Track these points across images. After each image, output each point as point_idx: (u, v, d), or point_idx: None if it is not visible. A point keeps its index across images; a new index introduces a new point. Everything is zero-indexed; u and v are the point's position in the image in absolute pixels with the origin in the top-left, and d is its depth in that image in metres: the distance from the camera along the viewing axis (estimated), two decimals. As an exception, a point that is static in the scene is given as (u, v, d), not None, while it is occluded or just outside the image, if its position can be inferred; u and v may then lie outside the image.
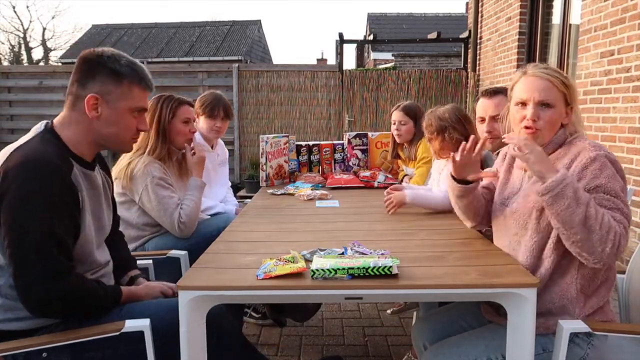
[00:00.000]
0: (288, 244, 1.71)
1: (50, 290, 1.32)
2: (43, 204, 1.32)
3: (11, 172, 1.31)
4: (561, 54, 4.79)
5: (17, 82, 7.26)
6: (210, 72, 7.33)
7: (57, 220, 1.34)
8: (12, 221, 1.30)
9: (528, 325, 1.34)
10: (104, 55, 1.46)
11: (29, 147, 1.39)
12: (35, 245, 1.30)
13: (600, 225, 1.32)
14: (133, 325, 1.38)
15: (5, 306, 1.39)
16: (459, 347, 1.53)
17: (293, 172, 3.28)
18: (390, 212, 2.23)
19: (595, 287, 1.47)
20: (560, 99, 1.50)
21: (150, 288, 1.65)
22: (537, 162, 1.37)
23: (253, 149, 7.29)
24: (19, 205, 1.31)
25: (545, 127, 1.49)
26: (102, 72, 1.45)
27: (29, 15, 42.29)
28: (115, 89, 1.46)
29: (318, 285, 1.35)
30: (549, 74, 1.50)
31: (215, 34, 17.36)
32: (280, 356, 2.57)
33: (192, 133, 2.44)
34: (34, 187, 1.32)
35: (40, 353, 1.39)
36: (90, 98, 1.43)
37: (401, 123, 2.93)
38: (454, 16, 18.43)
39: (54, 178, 1.35)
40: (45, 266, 1.31)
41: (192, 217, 2.24)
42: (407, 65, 14.85)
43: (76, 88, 1.46)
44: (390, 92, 7.05)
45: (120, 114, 1.48)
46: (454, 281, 1.37)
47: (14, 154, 1.37)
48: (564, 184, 1.32)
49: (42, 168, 1.34)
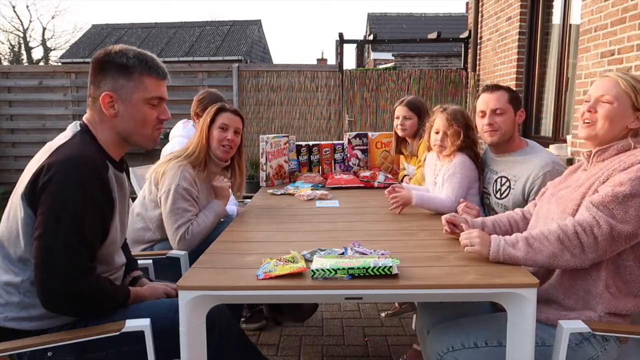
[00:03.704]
0: (288, 244, 1.71)
1: (70, 288, 1.33)
2: (81, 202, 1.34)
3: (55, 167, 1.34)
4: (561, 54, 4.79)
5: (16, 82, 7.25)
6: (210, 72, 7.32)
7: (90, 220, 1.37)
8: (49, 213, 1.32)
9: (528, 325, 1.34)
10: (112, 52, 1.47)
11: (73, 145, 1.42)
12: (65, 240, 1.32)
13: (560, 240, 1.43)
14: (133, 325, 1.38)
15: (22, 304, 1.40)
16: (460, 328, 1.57)
17: (293, 172, 3.27)
18: (397, 211, 2.24)
19: (626, 292, 1.48)
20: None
21: (154, 289, 1.65)
22: (479, 245, 1.51)
23: (253, 149, 7.28)
24: (58, 198, 1.32)
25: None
26: (111, 68, 1.45)
27: (29, 15, 42.16)
28: (127, 83, 1.46)
29: (318, 285, 1.35)
30: None
31: (215, 34, 17.35)
32: (280, 356, 2.57)
33: (230, 141, 2.33)
34: (75, 184, 1.34)
35: (46, 352, 1.40)
36: (104, 97, 1.45)
37: (405, 118, 2.92)
38: (454, 16, 18.41)
39: (94, 178, 1.38)
40: (69, 263, 1.32)
41: (197, 237, 2.15)
42: (407, 65, 14.84)
43: (92, 89, 1.47)
44: (390, 92, 7.04)
45: (136, 106, 1.48)
46: (454, 281, 1.37)
47: (58, 150, 1.40)
48: (499, 245, 1.47)
49: (85, 167, 1.36)
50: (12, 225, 1.40)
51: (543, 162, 2.03)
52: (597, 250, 1.41)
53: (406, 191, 2.26)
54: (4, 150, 7.35)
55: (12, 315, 1.40)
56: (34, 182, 1.34)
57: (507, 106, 2.13)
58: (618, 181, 1.42)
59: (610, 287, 1.47)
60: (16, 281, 1.39)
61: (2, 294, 1.41)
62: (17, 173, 7.90)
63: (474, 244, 1.50)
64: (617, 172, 1.45)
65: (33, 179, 1.35)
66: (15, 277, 1.40)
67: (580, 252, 1.42)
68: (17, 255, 1.39)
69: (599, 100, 1.54)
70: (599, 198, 1.43)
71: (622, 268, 1.47)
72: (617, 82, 1.53)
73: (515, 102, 2.15)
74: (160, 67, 1.51)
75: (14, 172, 7.35)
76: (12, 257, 1.40)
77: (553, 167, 2.01)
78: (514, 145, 2.18)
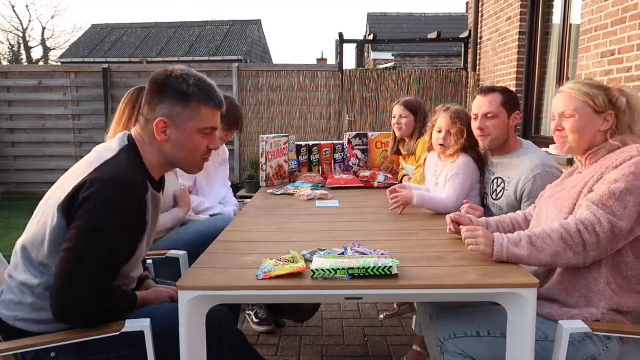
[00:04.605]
0: (288, 244, 1.71)
1: (85, 307, 1.32)
2: (117, 224, 1.33)
3: (98, 183, 1.33)
4: (561, 54, 4.79)
5: (16, 82, 7.25)
6: (210, 72, 7.32)
7: (122, 243, 1.37)
8: (83, 229, 1.31)
9: (528, 325, 1.34)
10: (173, 76, 1.44)
11: (119, 164, 1.40)
12: (95, 260, 1.31)
13: (563, 239, 1.44)
14: (133, 326, 1.38)
15: (34, 306, 1.40)
16: (464, 316, 1.59)
17: (293, 172, 3.27)
18: (398, 211, 2.24)
19: (627, 289, 1.49)
20: None
21: (159, 293, 1.65)
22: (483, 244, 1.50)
23: (253, 149, 7.28)
24: (96, 217, 1.31)
25: None
26: (169, 94, 1.43)
27: (29, 15, 42.12)
28: (184, 111, 1.43)
29: (318, 286, 1.35)
30: None
31: (215, 33, 17.35)
32: (280, 356, 2.57)
33: None
34: (115, 206, 1.33)
35: (49, 353, 1.40)
36: (159, 122, 1.43)
37: (402, 117, 2.93)
38: (454, 16, 18.42)
39: (134, 202, 1.37)
40: (90, 283, 1.31)
41: None
42: (407, 65, 14.85)
43: (147, 111, 1.46)
44: (390, 92, 7.04)
45: (189, 135, 1.45)
46: (454, 281, 1.37)
47: (104, 166, 1.39)
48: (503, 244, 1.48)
49: (127, 189, 1.36)
50: (40, 230, 1.39)
51: (533, 165, 2.03)
52: (599, 247, 1.42)
53: (407, 191, 2.26)
54: (3, 150, 7.35)
55: (22, 316, 1.41)
56: (74, 195, 1.33)
57: (499, 110, 2.11)
58: (613, 179, 1.44)
59: (611, 283, 1.48)
60: (33, 283, 1.39)
61: (17, 293, 1.42)
62: (16, 173, 7.91)
63: (479, 243, 1.51)
64: (611, 169, 1.48)
65: (73, 192, 1.33)
66: (34, 279, 1.39)
67: (583, 250, 1.43)
68: (39, 260, 1.39)
69: (563, 116, 1.60)
70: (597, 197, 1.44)
71: (622, 265, 1.48)
72: (570, 95, 1.59)
73: (509, 105, 2.12)
74: (218, 97, 1.48)
75: (14, 172, 7.35)
76: (33, 260, 1.40)
77: (543, 170, 2.01)
78: (510, 147, 2.17)
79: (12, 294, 1.42)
